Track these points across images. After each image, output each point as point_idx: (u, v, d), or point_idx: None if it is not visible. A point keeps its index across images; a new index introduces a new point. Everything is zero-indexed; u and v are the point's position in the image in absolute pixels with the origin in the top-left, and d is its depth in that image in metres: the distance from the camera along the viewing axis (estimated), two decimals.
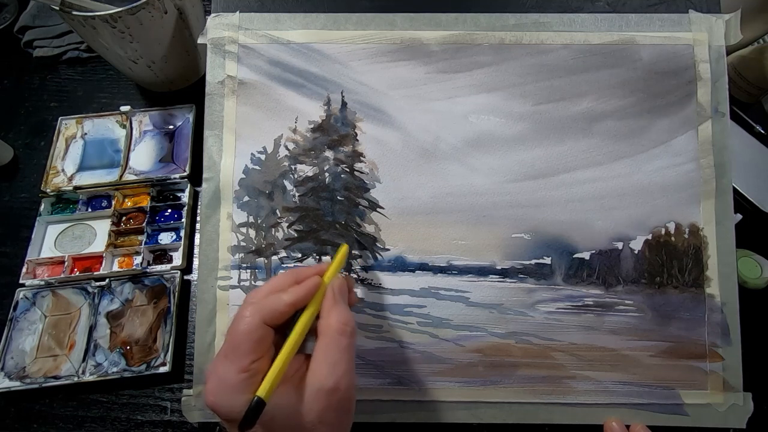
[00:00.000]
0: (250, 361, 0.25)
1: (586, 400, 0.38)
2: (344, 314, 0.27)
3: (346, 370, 0.26)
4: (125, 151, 0.50)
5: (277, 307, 0.26)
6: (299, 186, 0.40)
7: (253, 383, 0.25)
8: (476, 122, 0.40)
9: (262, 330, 0.26)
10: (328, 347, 0.26)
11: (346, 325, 0.27)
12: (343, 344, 0.26)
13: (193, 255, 0.46)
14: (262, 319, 0.26)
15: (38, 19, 0.58)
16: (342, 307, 0.28)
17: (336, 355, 0.26)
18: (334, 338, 0.26)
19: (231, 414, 0.24)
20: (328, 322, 0.27)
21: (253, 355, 0.25)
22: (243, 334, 0.26)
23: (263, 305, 0.27)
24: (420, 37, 0.40)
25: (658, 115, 0.40)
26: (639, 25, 0.40)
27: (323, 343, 0.26)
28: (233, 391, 0.25)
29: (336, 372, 0.25)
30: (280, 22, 0.41)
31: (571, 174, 0.39)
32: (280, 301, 0.27)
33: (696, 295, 0.38)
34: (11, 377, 0.40)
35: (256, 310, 0.26)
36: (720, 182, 0.39)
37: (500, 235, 0.39)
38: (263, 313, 0.26)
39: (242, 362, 0.25)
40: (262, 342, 0.26)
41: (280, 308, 0.26)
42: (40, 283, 0.44)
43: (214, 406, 0.25)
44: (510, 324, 0.38)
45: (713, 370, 0.38)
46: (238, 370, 0.25)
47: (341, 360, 0.26)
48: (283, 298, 0.27)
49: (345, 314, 0.28)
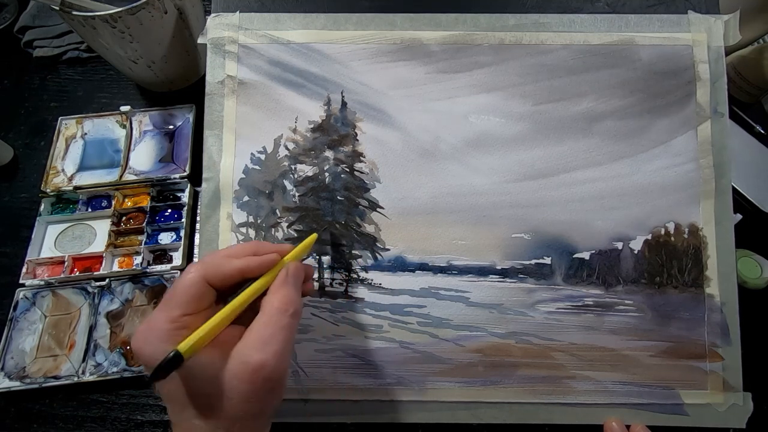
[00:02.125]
0: (180, 313, 0.25)
1: (586, 400, 0.38)
2: (290, 295, 0.27)
3: (278, 350, 0.25)
4: (125, 151, 0.50)
5: (224, 269, 0.26)
6: (299, 186, 0.40)
7: (179, 335, 0.24)
8: (476, 122, 0.40)
9: (202, 287, 0.26)
10: (264, 323, 0.26)
11: (288, 304, 0.26)
12: (282, 323, 0.26)
13: (193, 255, 0.46)
14: (203, 276, 0.26)
15: (38, 19, 0.58)
16: (290, 289, 0.28)
17: (270, 332, 0.25)
18: (273, 315, 0.26)
19: (150, 361, 0.24)
20: (272, 298, 0.27)
21: (185, 308, 0.25)
22: (181, 286, 0.26)
23: (210, 263, 0.27)
24: (420, 37, 0.40)
25: (657, 116, 0.40)
26: (638, 25, 0.40)
27: (261, 318, 0.26)
28: (157, 338, 0.24)
29: (266, 349, 0.25)
30: (280, 22, 0.41)
31: (571, 174, 0.39)
32: (229, 264, 0.27)
33: (696, 295, 0.38)
34: (11, 377, 0.40)
35: (202, 267, 0.26)
36: (719, 182, 0.39)
37: (500, 235, 0.39)
38: (206, 270, 0.26)
39: (173, 312, 0.25)
40: (200, 299, 0.26)
41: (226, 270, 0.26)
42: (40, 283, 0.44)
43: (138, 350, 0.25)
44: (510, 324, 0.38)
45: (713, 370, 0.38)
46: (166, 319, 0.25)
47: (274, 338, 0.25)
48: (234, 262, 0.27)
49: (291, 295, 0.27)
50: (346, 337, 0.38)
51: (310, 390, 0.38)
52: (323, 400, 0.38)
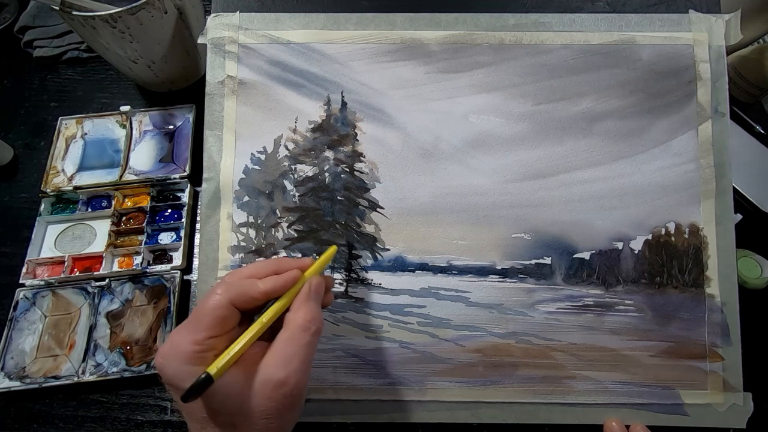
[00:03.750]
0: (206, 335, 0.25)
1: (586, 400, 0.38)
2: (312, 312, 0.27)
3: (299, 367, 0.26)
4: (125, 151, 0.50)
5: (250, 292, 0.27)
6: (299, 186, 0.40)
7: (204, 357, 0.25)
8: (476, 122, 0.40)
9: (228, 310, 0.26)
10: (287, 340, 0.26)
11: (311, 322, 0.27)
12: (304, 340, 0.26)
13: (193, 255, 0.46)
14: (230, 300, 0.26)
15: (38, 19, 0.58)
16: (313, 305, 0.28)
17: (292, 350, 0.26)
18: (295, 333, 0.26)
19: (174, 380, 0.25)
20: (295, 316, 0.27)
21: (211, 330, 0.25)
22: (208, 308, 0.26)
23: (236, 286, 0.27)
24: (420, 37, 0.40)
25: (658, 115, 0.40)
26: (639, 25, 0.40)
27: (284, 335, 0.26)
28: (182, 359, 0.25)
29: (288, 366, 0.25)
30: (280, 22, 0.41)
31: (571, 174, 0.39)
32: (254, 287, 0.27)
33: (696, 295, 0.38)
34: (11, 377, 0.40)
35: (227, 289, 0.26)
36: (720, 182, 0.39)
37: (500, 235, 0.39)
38: (233, 293, 0.26)
39: (199, 335, 0.25)
40: (225, 321, 0.26)
41: (252, 293, 0.27)
42: (40, 283, 0.44)
43: (161, 368, 0.25)
44: (510, 324, 0.38)
45: (713, 370, 0.38)
46: (192, 341, 0.25)
47: (297, 355, 0.26)
48: (258, 284, 0.27)
49: (313, 312, 0.27)
50: (346, 337, 0.38)
51: (310, 390, 0.38)
52: (323, 400, 0.38)
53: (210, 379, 0.23)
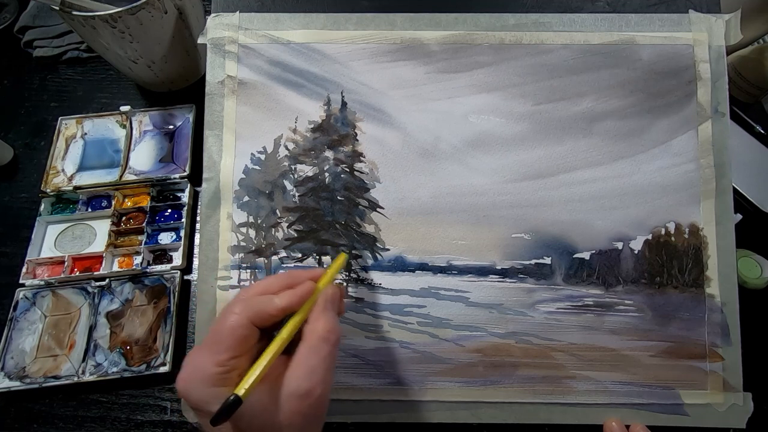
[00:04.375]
0: (229, 356, 0.25)
1: (586, 400, 0.38)
2: (331, 323, 0.27)
3: (322, 378, 0.26)
4: (125, 151, 0.50)
5: (268, 310, 0.27)
6: (299, 186, 0.40)
7: (228, 378, 0.25)
8: (476, 122, 0.40)
9: (248, 329, 0.26)
10: (309, 353, 0.26)
11: (330, 333, 0.27)
12: (325, 352, 0.26)
13: (193, 255, 0.46)
14: (249, 319, 0.26)
15: (38, 19, 0.58)
16: (330, 316, 0.28)
17: (315, 362, 0.26)
18: (316, 345, 0.26)
19: (200, 404, 0.25)
20: (314, 327, 0.27)
21: (233, 351, 0.25)
22: (228, 329, 0.26)
23: (253, 305, 0.27)
24: (420, 37, 0.40)
25: (658, 115, 0.40)
26: (639, 25, 0.40)
27: (305, 348, 0.26)
28: (206, 382, 0.25)
29: (312, 378, 0.25)
30: (280, 22, 0.41)
31: (571, 174, 0.39)
32: (272, 305, 0.27)
33: (696, 295, 0.38)
34: (11, 377, 0.40)
35: (246, 308, 0.26)
36: (720, 182, 0.39)
37: (500, 235, 0.39)
38: (252, 312, 0.26)
39: (221, 356, 0.25)
40: (246, 340, 0.26)
41: (270, 311, 0.27)
42: (40, 283, 0.44)
43: (185, 393, 0.25)
44: (510, 324, 0.38)
45: (713, 370, 0.38)
46: (214, 363, 0.25)
47: (319, 367, 0.26)
48: (275, 301, 0.27)
49: (331, 323, 0.27)
50: (347, 336, 0.38)
51: None
52: None
53: (239, 400, 0.23)
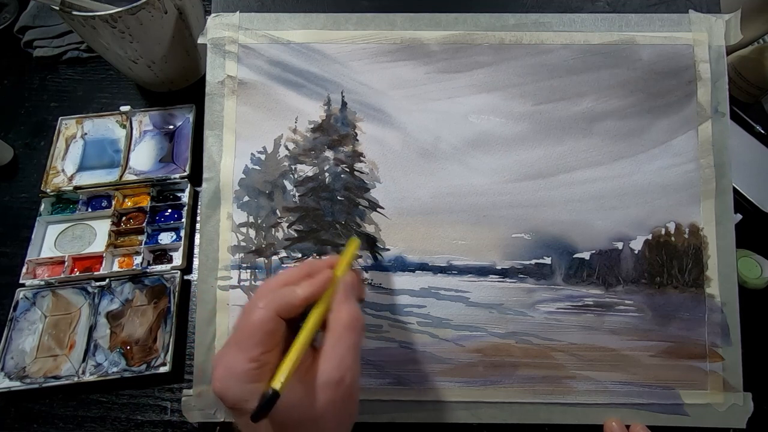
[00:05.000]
0: (260, 351, 0.25)
1: (586, 400, 0.38)
2: (354, 310, 0.28)
3: (351, 364, 0.26)
4: (125, 151, 0.50)
5: (292, 301, 0.27)
6: (299, 186, 0.40)
7: (262, 373, 0.25)
8: (476, 122, 0.40)
9: (275, 322, 0.26)
10: (337, 342, 0.26)
11: (355, 320, 0.27)
12: (351, 340, 0.27)
13: (193, 255, 0.46)
14: (276, 312, 0.26)
15: (38, 19, 0.58)
16: (352, 303, 0.28)
17: (343, 351, 0.26)
18: (343, 334, 0.27)
19: (238, 402, 0.25)
20: (338, 316, 0.27)
21: (264, 346, 0.25)
22: (256, 324, 0.26)
23: (277, 297, 0.27)
24: (420, 37, 0.40)
25: (658, 115, 0.40)
26: (639, 25, 0.40)
27: (332, 337, 0.27)
28: (241, 380, 0.25)
29: (342, 366, 0.26)
30: (280, 22, 0.41)
31: (571, 174, 0.39)
32: (295, 295, 0.27)
33: (696, 295, 0.38)
34: (11, 377, 0.40)
35: (270, 302, 0.26)
36: (720, 182, 0.39)
37: (500, 235, 0.39)
38: (277, 305, 0.26)
39: (252, 352, 0.25)
40: (274, 334, 0.26)
41: (294, 302, 0.27)
42: (40, 283, 0.44)
43: (222, 393, 0.25)
44: (510, 324, 0.38)
45: (713, 370, 0.38)
46: (247, 360, 0.25)
47: (347, 355, 0.26)
48: (298, 292, 0.27)
49: (355, 310, 0.28)
50: None
51: None
52: None
53: (276, 394, 0.23)
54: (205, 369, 0.38)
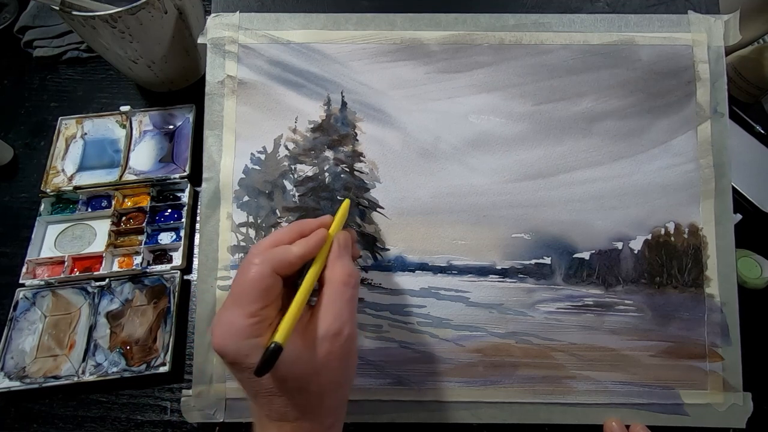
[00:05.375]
0: (259, 307, 0.26)
1: (586, 400, 0.38)
2: (348, 266, 0.29)
3: (348, 318, 0.27)
4: (125, 151, 0.50)
5: (288, 258, 0.27)
6: (299, 186, 0.40)
7: (262, 329, 0.25)
8: (476, 122, 0.40)
9: (272, 279, 0.26)
10: (333, 297, 0.27)
11: (350, 276, 0.28)
12: (348, 295, 0.28)
13: (193, 255, 0.46)
14: (272, 268, 0.26)
15: (38, 19, 0.58)
16: (346, 260, 0.29)
17: (340, 305, 0.27)
18: (338, 289, 0.28)
19: (239, 357, 0.25)
20: (333, 273, 0.28)
21: (261, 302, 0.26)
22: (252, 281, 0.26)
23: (273, 255, 0.27)
24: (420, 37, 0.40)
25: (657, 115, 0.40)
26: (638, 25, 0.40)
27: (329, 292, 0.27)
28: (241, 335, 0.25)
29: (340, 318, 0.27)
30: (280, 22, 0.41)
31: (571, 174, 0.39)
32: (291, 253, 0.27)
33: (696, 295, 0.38)
34: (11, 377, 0.40)
35: (266, 259, 0.27)
36: (719, 182, 0.39)
37: (500, 235, 0.39)
38: (273, 262, 0.27)
39: (251, 308, 0.25)
40: (271, 290, 0.26)
41: (290, 259, 0.27)
42: (40, 283, 0.44)
43: (222, 349, 0.25)
44: (510, 324, 0.38)
45: (713, 370, 0.38)
46: (246, 315, 0.25)
47: (345, 309, 0.27)
48: (293, 249, 0.28)
49: (349, 267, 0.29)
50: None
51: None
52: None
53: (279, 347, 0.24)
54: (205, 369, 0.38)
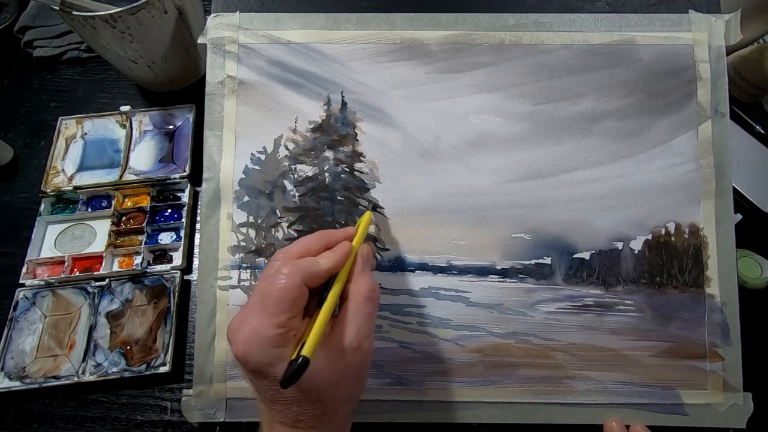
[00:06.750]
0: (286, 317, 0.26)
1: (586, 400, 0.38)
2: (371, 281, 0.29)
3: (367, 333, 0.28)
4: (125, 151, 0.50)
5: (317, 272, 0.28)
6: (299, 186, 0.40)
7: (287, 339, 0.26)
8: (476, 122, 0.40)
9: (301, 290, 0.27)
10: (356, 311, 0.28)
11: (372, 291, 0.29)
12: (369, 310, 0.28)
13: (193, 255, 0.46)
14: (302, 280, 0.27)
15: (38, 19, 0.58)
16: (369, 275, 0.30)
17: (362, 320, 0.28)
18: (361, 303, 0.28)
19: (261, 366, 0.25)
20: (356, 287, 0.29)
21: (289, 312, 0.26)
22: (282, 290, 0.26)
23: (302, 267, 0.27)
24: (420, 37, 0.40)
25: (658, 115, 0.40)
26: (639, 25, 0.40)
27: (351, 307, 0.28)
28: (267, 344, 0.25)
29: (361, 333, 0.27)
30: (280, 22, 0.41)
31: (571, 174, 0.39)
32: (320, 266, 0.28)
33: (696, 295, 0.38)
34: (11, 377, 0.40)
35: (296, 271, 0.27)
36: (720, 182, 0.39)
37: (500, 235, 0.39)
38: (303, 274, 0.27)
39: (279, 318, 0.26)
40: (299, 302, 0.27)
41: (318, 272, 0.28)
42: (40, 283, 0.44)
43: (245, 357, 0.26)
44: (510, 324, 0.38)
45: (713, 370, 0.38)
46: (274, 325, 0.25)
47: (365, 324, 0.28)
48: (322, 263, 0.28)
49: (371, 281, 0.29)
50: None
51: None
52: None
53: (307, 361, 0.24)
54: (205, 369, 0.38)
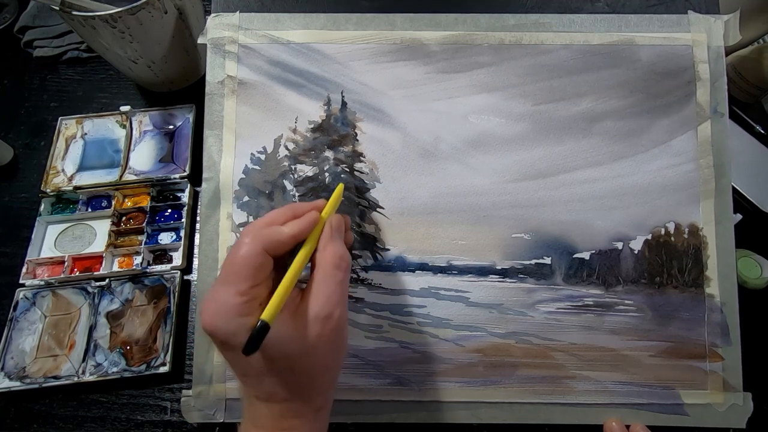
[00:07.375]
0: (249, 285, 0.25)
1: (586, 400, 0.38)
2: (340, 249, 0.28)
3: (339, 300, 0.27)
4: (125, 151, 0.50)
5: (279, 238, 0.27)
6: (299, 186, 0.40)
7: (251, 308, 0.25)
8: (476, 122, 0.40)
9: (262, 257, 0.26)
10: (324, 279, 0.27)
11: (341, 259, 0.28)
12: (339, 277, 0.27)
13: (193, 255, 0.46)
14: (263, 247, 0.26)
15: (38, 19, 0.58)
16: (338, 243, 0.29)
17: (331, 287, 0.27)
18: (329, 271, 0.27)
19: (228, 336, 0.25)
20: (324, 255, 0.28)
21: (252, 280, 0.26)
22: (243, 259, 0.26)
23: (264, 234, 0.27)
24: (420, 38, 0.40)
25: (657, 116, 0.40)
26: (638, 25, 0.40)
27: (320, 275, 0.27)
28: (231, 314, 0.25)
29: (331, 301, 0.27)
30: (280, 22, 0.41)
31: (571, 174, 0.39)
32: (282, 233, 0.27)
33: (696, 295, 0.38)
34: (11, 377, 0.40)
35: (257, 238, 0.27)
36: (719, 182, 0.39)
37: (500, 235, 0.39)
38: (264, 241, 0.27)
39: (241, 286, 0.25)
40: (262, 269, 0.26)
41: (281, 239, 0.27)
42: (40, 283, 0.44)
43: (212, 329, 0.25)
44: (510, 324, 0.38)
45: (713, 370, 0.38)
46: (237, 293, 0.25)
47: (335, 292, 0.27)
48: (284, 230, 0.28)
49: (340, 249, 0.28)
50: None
51: None
52: None
53: (266, 325, 0.24)
54: (205, 369, 0.38)
